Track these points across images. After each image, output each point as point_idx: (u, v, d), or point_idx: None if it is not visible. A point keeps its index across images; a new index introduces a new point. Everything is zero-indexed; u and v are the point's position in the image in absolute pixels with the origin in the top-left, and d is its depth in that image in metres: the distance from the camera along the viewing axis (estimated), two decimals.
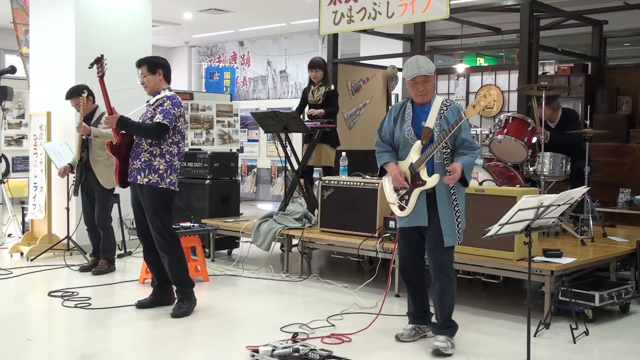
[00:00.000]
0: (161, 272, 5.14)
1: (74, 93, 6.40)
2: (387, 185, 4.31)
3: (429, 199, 4.11)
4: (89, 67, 5.12)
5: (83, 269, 6.41)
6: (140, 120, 5.03)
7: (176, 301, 5.04)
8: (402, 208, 4.18)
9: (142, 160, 4.94)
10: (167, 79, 5.13)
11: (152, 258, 5.15)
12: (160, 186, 4.94)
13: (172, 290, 5.18)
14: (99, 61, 5.08)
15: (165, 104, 4.95)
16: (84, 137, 6.31)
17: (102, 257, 6.39)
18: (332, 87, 7.17)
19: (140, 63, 5.12)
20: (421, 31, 9.07)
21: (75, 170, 6.46)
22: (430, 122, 4.10)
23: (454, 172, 3.96)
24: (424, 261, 4.32)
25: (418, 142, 4.12)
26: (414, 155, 4.13)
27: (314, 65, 7.17)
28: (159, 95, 5.07)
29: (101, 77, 5.10)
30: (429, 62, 4.18)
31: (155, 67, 5.08)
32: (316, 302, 5.42)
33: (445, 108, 4.14)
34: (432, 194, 4.10)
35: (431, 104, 4.17)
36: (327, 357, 3.78)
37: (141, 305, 5.13)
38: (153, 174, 4.93)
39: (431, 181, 4.05)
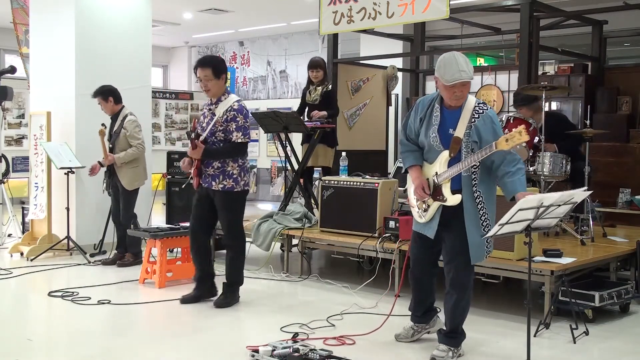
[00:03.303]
0: (202, 265, 5.25)
1: (98, 94, 6.60)
2: (410, 188, 4.12)
3: (449, 213, 3.87)
4: (188, 136, 5.01)
5: (106, 262, 6.66)
6: (207, 127, 4.96)
7: (221, 293, 5.18)
8: (420, 215, 4.02)
9: (215, 167, 5.01)
10: (225, 81, 5.07)
11: (197, 249, 5.23)
12: (236, 190, 5.04)
13: (214, 286, 5.31)
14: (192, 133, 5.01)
15: (239, 119, 4.93)
16: (109, 145, 6.58)
17: (128, 251, 6.65)
18: (330, 87, 7.14)
19: (205, 64, 4.90)
20: (421, 31, 9.08)
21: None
22: (460, 131, 3.77)
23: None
24: (435, 266, 4.15)
25: (445, 153, 3.83)
26: (439, 166, 3.87)
27: (314, 65, 7.14)
28: (223, 104, 4.97)
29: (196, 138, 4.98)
30: (468, 62, 3.75)
31: (221, 72, 4.94)
32: (316, 302, 5.42)
33: (477, 115, 3.78)
34: (458, 207, 3.83)
35: (462, 109, 3.81)
36: (327, 357, 3.78)
37: (185, 300, 5.21)
38: (228, 179, 5.01)
39: (452, 200, 3.82)
